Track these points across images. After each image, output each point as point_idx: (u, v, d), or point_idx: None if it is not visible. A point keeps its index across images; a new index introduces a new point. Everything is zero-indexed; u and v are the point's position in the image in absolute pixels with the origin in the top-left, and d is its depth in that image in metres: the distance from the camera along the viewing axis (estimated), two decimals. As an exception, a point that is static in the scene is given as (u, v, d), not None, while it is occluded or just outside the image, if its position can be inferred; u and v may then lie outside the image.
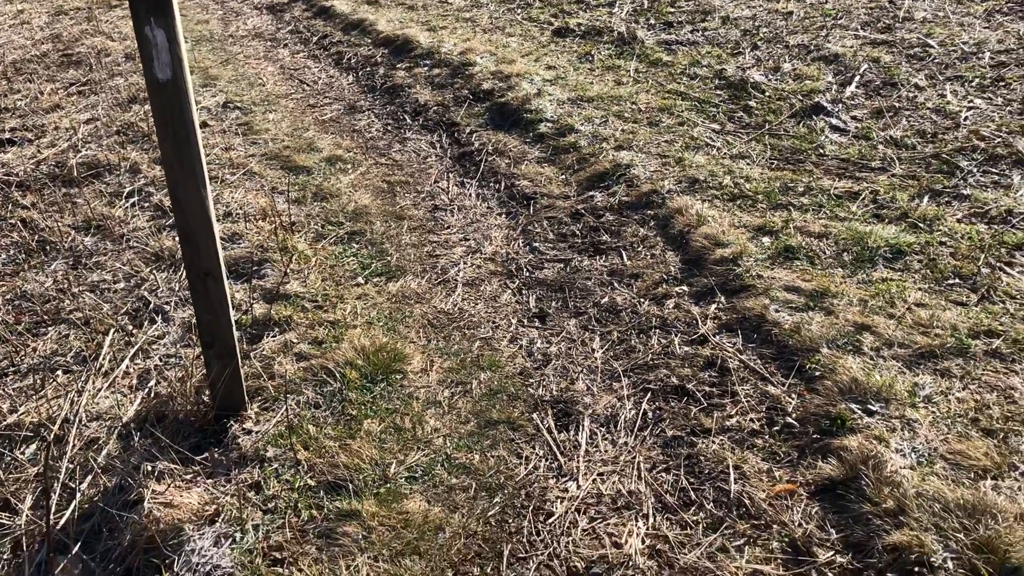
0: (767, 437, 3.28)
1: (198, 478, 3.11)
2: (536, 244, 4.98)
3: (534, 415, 3.54)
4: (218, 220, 5.02)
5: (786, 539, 2.79)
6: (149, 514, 2.86)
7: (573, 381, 3.77)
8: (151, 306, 4.26)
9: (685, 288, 4.35)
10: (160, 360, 3.84)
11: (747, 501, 2.97)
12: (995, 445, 3.02)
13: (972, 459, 2.95)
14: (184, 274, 4.35)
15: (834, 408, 3.27)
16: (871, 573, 2.60)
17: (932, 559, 2.54)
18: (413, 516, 2.94)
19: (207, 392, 3.43)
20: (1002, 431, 3.09)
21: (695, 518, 2.94)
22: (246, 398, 3.47)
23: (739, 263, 4.38)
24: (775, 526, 2.85)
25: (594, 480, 3.16)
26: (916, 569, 2.53)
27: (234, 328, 3.30)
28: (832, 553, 2.71)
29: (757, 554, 2.74)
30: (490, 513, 3.00)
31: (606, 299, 4.38)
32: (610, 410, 3.55)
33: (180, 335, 4.04)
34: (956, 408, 3.22)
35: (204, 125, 6.85)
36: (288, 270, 4.50)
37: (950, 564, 2.53)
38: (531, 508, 3.03)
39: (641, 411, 3.52)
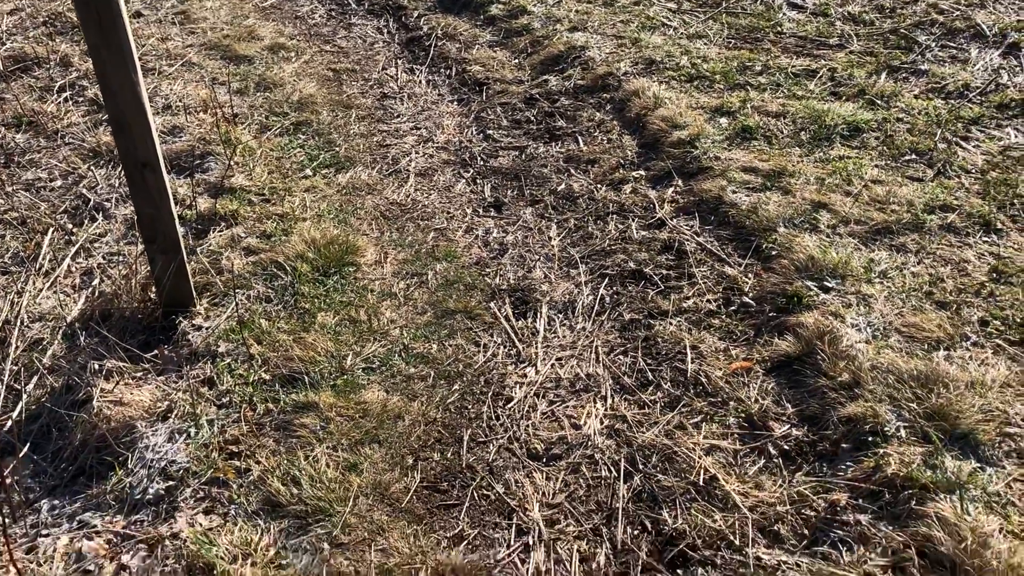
0: (724, 317, 3.27)
1: (148, 375, 3.03)
2: (490, 131, 4.84)
3: (492, 304, 3.49)
4: (157, 113, 4.80)
5: (742, 415, 2.81)
6: (99, 412, 2.80)
7: (530, 269, 3.72)
8: (91, 203, 4.09)
9: (642, 172, 4.28)
10: (103, 258, 3.71)
11: (704, 380, 2.98)
12: (948, 317, 3.05)
13: (926, 331, 2.98)
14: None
15: (790, 286, 3.27)
16: (826, 445, 2.64)
17: (885, 428, 2.58)
18: (371, 406, 2.91)
19: (153, 289, 3.33)
20: (955, 303, 3.12)
21: (653, 398, 2.95)
22: (194, 294, 3.37)
23: (696, 145, 4.30)
24: (732, 403, 2.87)
25: (552, 365, 3.14)
26: (870, 439, 2.57)
27: (177, 222, 3.17)
28: (788, 427, 2.74)
29: (714, 430, 2.77)
30: (449, 400, 2.98)
31: (563, 186, 4.29)
32: (568, 296, 3.52)
33: (123, 232, 3.89)
34: (911, 282, 3.24)
35: (138, 15, 6.48)
36: (232, 163, 4.33)
37: (903, 432, 2.57)
38: (490, 394, 3.01)
39: (599, 296, 3.49)
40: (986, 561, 2.12)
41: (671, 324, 3.26)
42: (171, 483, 2.61)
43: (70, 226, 3.93)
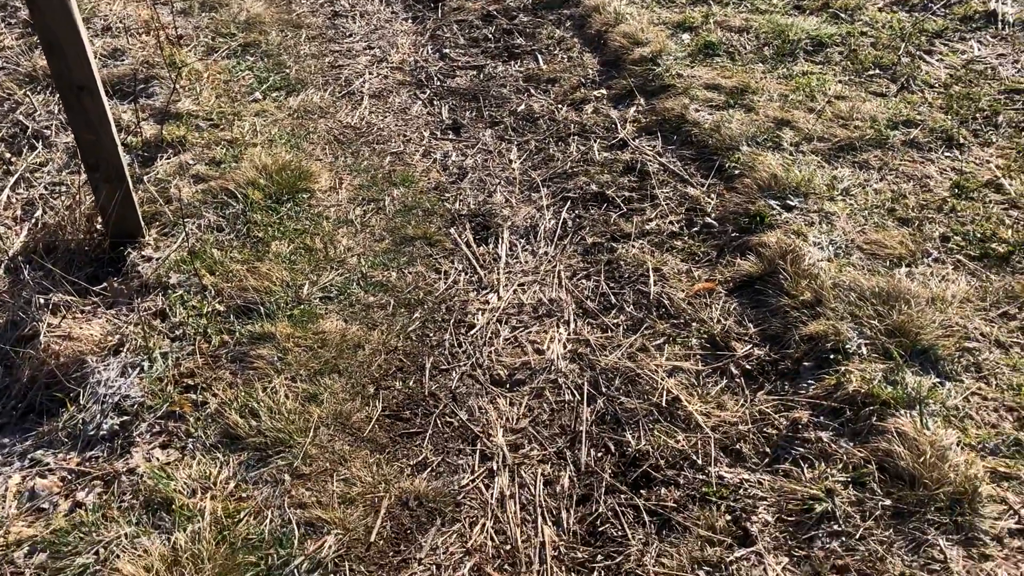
0: (686, 238, 3.24)
1: (98, 309, 2.94)
2: (446, 50, 4.69)
3: (452, 230, 3.42)
4: (97, 35, 4.57)
5: (705, 336, 2.80)
6: (47, 348, 2.70)
7: (491, 193, 3.64)
8: (29, 131, 3.90)
9: (604, 91, 4.18)
10: (45, 188, 3.55)
11: (667, 302, 2.95)
12: (910, 233, 3.04)
13: (888, 248, 2.97)
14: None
15: (753, 206, 3.23)
16: (788, 363, 2.64)
17: (847, 346, 2.58)
18: (330, 336, 2.85)
19: (99, 220, 3.20)
20: (917, 219, 3.11)
21: (616, 321, 2.92)
22: (143, 224, 3.25)
23: (659, 62, 4.20)
24: (694, 324, 2.85)
25: (515, 291, 3.10)
26: (831, 356, 2.57)
27: (120, 149, 3.03)
28: (750, 346, 2.74)
29: (677, 351, 2.76)
30: (410, 328, 2.93)
31: (523, 106, 4.19)
32: (529, 221, 3.46)
33: (65, 161, 3.73)
34: (873, 199, 3.22)
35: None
36: (178, 87, 4.15)
37: (864, 349, 2.57)
38: (452, 321, 2.97)
39: (561, 220, 3.43)
40: (944, 473, 2.15)
41: (634, 247, 3.22)
42: (125, 418, 2.54)
43: (8, 155, 3.76)
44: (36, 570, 2.10)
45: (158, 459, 2.43)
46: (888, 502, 2.15)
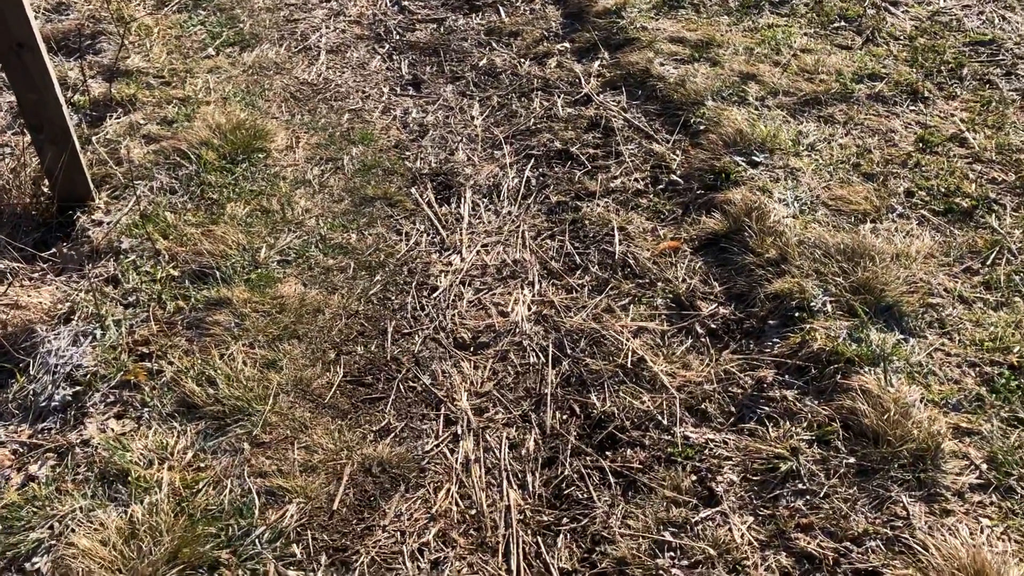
0: (652, 196, 3.20)
1: (46, 276, 2.84)
2: (405, 3, 4.56)
3: (413, 189, 3.35)
4: (37, -12, 4.38)
5: (670, 295, 2.78)
6: (-7, 318, 2.61)
7: (453, 152, 3.56)
8: (-31, 91, 3.74)
9: (567, 45, 4.10)
10: (-12, 151, 3.42)
11: (632, 261, 2.92)
12: (875, 189, 3.02)
13: (853, 203, 2.95)
14: None
15: (719, 162, 3.19)
16: (753, 322, 2.63)
17: (812, 303, 2.57)
18: (289, 300, 2.78)
19: (46, 183, 3.08)
20: (882, 174, 3.09)
21: (580, 282, 2.88)
22: (92, 187, 3.14)
23: (623, 15, 4.12)
24: (660, 283, 2.82)
25: (478, 252, 3.04)
26: (796, 314, 2.56)
27: (66, 109, 2.91)
28: (715, 305, 2.72)
29: (642, 312, 2.73)
30: (371, 292, 2.87)
31: (484, 61, 4.09)
32: (492, 179, 3.39)
33: (8, 122, 3.58)
34: (839, 154, 3.19)
35: None
36: (127, 43, 4.00)
37: (829, 307, 2.57)
38: (414, 284, 2.91)
39: (524, 178, 3.37)
40: (907, 431, 2.16)
41: (599, 205, 3.17)
42: (78, 388, 2.47)
43: (-52, 116, 3.60)
44: (-13, 547, 2.04)
45: (113, 430, 2.36)
46: (852, 460, 2.16)
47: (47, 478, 2.23)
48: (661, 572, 1.97)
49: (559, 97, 3.78)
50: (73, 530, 2.06)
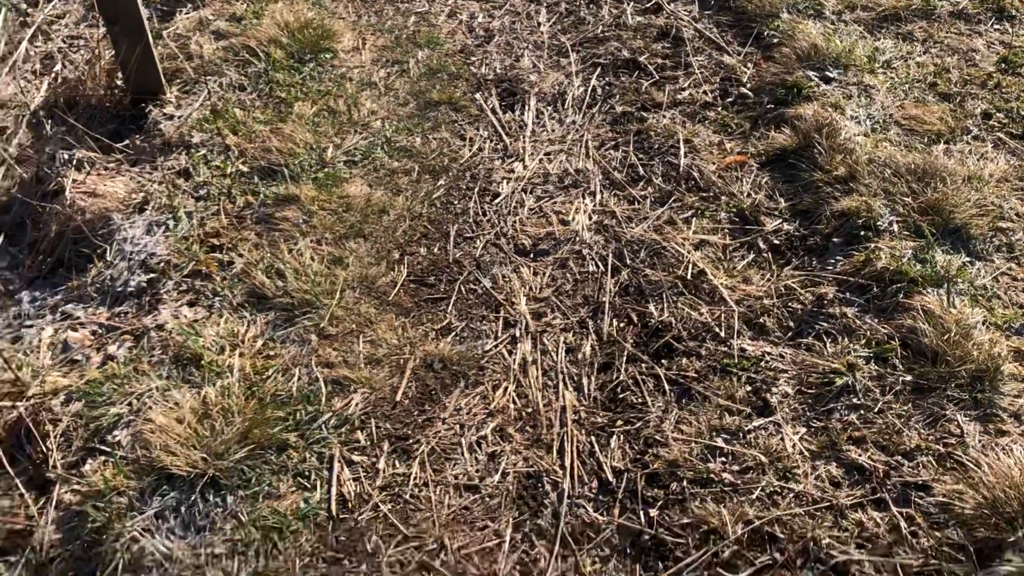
0: (720, 109, 3.15)
1: (121, 166, 2.92)
2: (474, -96, 4.45)
3: (477, 95, 3.34)
4: None
5: (734, 209, 2.76)
6: (72, 204, 2.70)
7: (518, 58, 3.53)
8: (43, -18, 3.79)
9: (638, -49, 3.98)
10: (64, 42, 3.48)
11: (696, 174, 2.90)
12: (951, 109, 2.94)
13: (926, 124, 2.88)
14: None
15: (791, 76, 3.12)
16: (817, 239, 2.61)
17: (878, 223, 2.54)
18: (355, 200, 2.83)
19: (120, 75, 3.14)
20: (959, 95, 3.00)
21: (643, 193, 2.88)
22: (163, 81, 3.19)
23: (698, -79, 3.98)
24: (724, 197, 2.81)
25: (541, 160, 3.05)
26: (862, 233, 2.54)
27: (140, 1, 2.94)
28: (779, 221, 2.70)
29: (705, 225, 2.73)
30: (435, 195, 2.90)
31: (552, -34, 4.00)
32: (557, 87, 3.37)
33: (83, 14, 3.63)
34: (915, 73, 3.10)
35: None
36: (195, -62, 3.98)
37: (895, 227, 2.54)
38: (477, 190, 2.93)
39: (590, 87, 3.34)
40: (967, 351, 2.15)
41: (665, 117, 3.14)
42: (152, 275, 2.57)
43: (24, 5, 3.65)
44: (73, 417, 2.16)
45: (186, 316, 2.46)
46: (909, 378, 2.16)
47: (125, 358, 2.34)
48: (712, 475, 2.02)
49: (628, 5, 3.71)
50: (150, 407, 2.17)
